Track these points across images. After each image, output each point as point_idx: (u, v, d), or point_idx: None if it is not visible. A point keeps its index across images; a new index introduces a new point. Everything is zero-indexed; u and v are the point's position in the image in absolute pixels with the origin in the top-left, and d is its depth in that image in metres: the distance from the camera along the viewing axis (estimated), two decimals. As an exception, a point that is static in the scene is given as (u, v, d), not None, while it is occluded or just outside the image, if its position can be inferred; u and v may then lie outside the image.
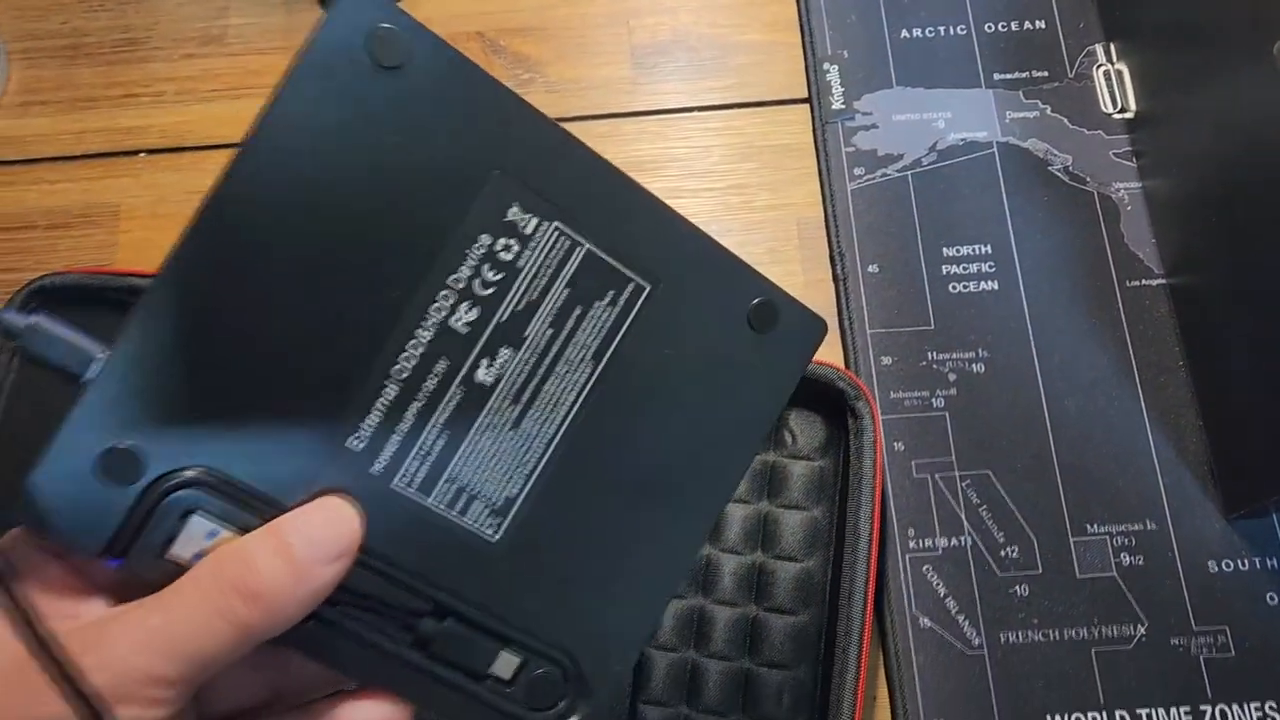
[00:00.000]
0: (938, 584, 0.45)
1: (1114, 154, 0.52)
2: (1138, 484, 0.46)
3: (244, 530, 0.27)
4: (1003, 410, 0.48)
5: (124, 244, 0.52)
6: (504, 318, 0.29)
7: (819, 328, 0.32)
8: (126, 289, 0.46)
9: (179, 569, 0.26)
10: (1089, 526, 0.46)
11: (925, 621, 0.45)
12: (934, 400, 0.48)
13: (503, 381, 0.29)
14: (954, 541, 0.46)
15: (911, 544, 0.46)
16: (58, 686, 0.23)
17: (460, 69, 0.27)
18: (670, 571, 0.31)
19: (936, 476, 0.47)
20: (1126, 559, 0.45)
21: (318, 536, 0.26)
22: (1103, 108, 0.53)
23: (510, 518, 0.30)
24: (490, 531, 0.29)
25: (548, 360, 0.30)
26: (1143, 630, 0.44)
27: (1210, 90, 0.46)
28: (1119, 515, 0.46)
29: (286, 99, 0.26)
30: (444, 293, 0.28)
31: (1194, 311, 0.48)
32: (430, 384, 0.29)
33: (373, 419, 0.28)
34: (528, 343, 0.29)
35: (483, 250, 0.28)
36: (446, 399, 0.29)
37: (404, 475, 0.28)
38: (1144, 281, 0.50)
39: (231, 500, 0.27)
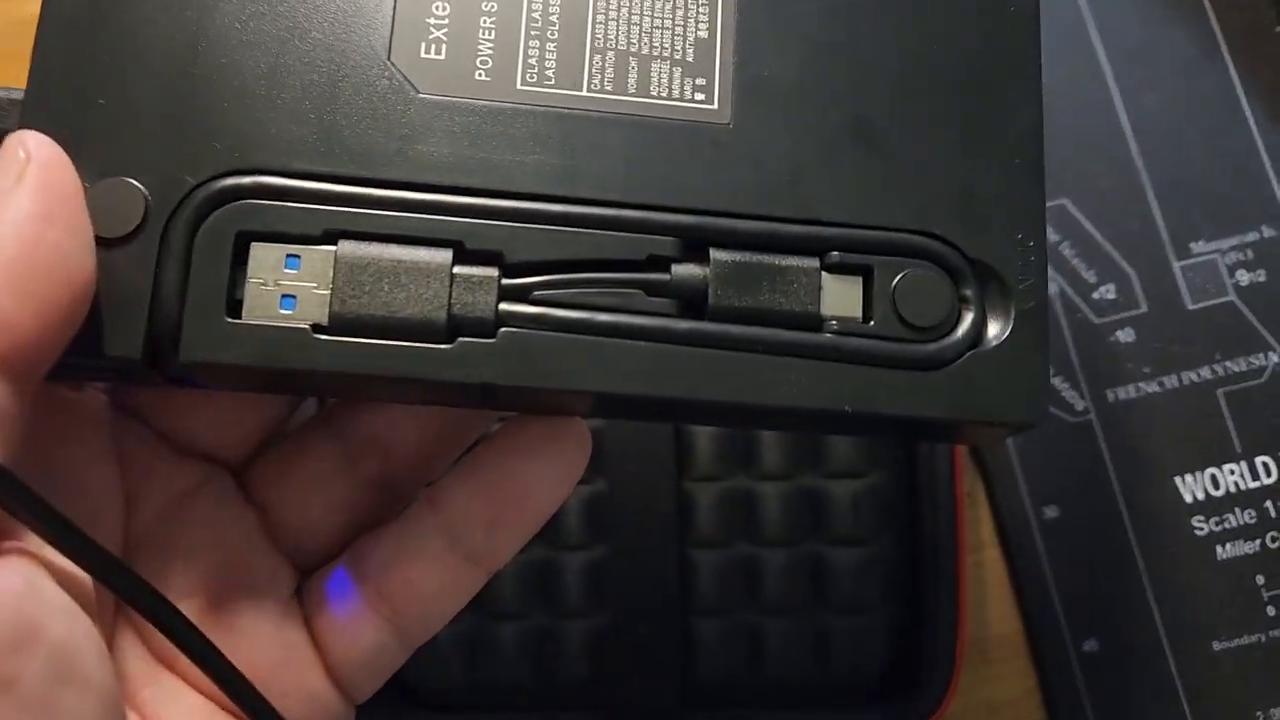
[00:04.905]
0: (1024, 346, 0.37)
1: None
2: (1246, 184, 0.38)
3: (336, 239, 0.19)
4: (1070, 122, 0.38)
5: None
6: None
7: None
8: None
9: (271, 334, 0.18)
10: (1194, 245, 0.37)
11: (1016, 393, 0.37)
12: (985, 124, 0.38)
13: None
14: (1036, 291, 0.37)
15: (985, 303, 0.37)
16: None
17: None
18: (1016, 85, 0.22)
19: (1003, 216, 0.38)
20: (1244, 276, 0.37)
21: None
22: None
23: (718, 74, 0.20)
24: (701, 99, 0.20)
25: None
26: (1275, 357, 0.37)
27: None
28: (1229, 226, 0.38)
29: None
30: None
31: (1286, -41, 0.39)
32: None
33: (440, 6, 0.20)
34: None
35: None
36: None
37: (528, 71, 0.20)
38: (1218, -67, 0.40)
39: (306, 200, 0.19)
